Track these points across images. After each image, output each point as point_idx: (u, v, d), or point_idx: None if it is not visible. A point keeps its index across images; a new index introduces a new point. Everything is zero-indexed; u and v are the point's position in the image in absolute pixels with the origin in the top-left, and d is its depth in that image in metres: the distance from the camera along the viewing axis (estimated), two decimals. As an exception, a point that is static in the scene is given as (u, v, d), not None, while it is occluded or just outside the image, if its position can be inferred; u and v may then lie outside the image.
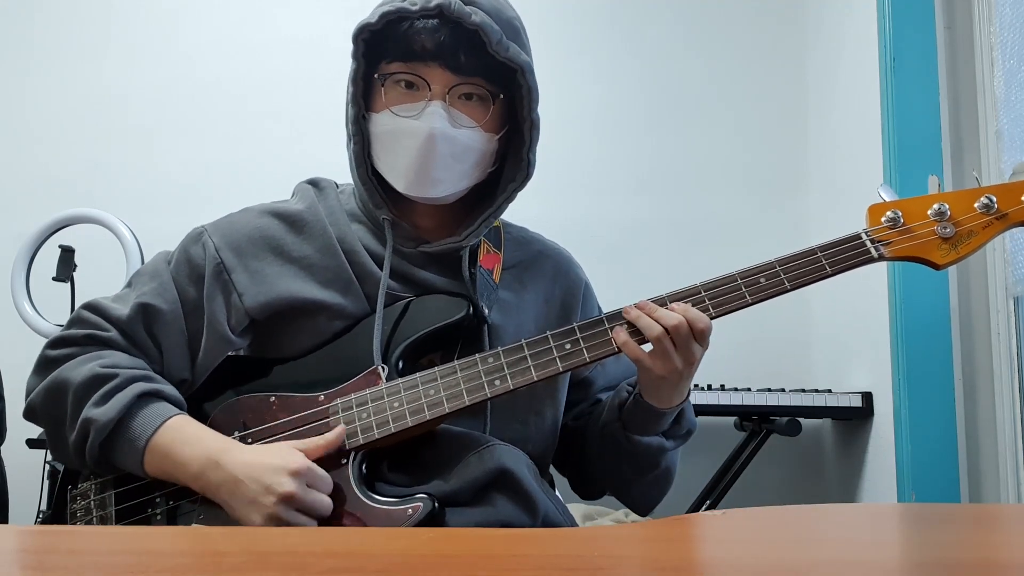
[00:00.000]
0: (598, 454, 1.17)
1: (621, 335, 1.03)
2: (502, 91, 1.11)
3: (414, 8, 1.05)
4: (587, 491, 1.25)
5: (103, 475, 1.05)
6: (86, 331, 1.08)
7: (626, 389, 1.15)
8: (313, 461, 0.98)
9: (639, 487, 1.18)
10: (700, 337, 1.02)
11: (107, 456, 1.02)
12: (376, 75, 1.10)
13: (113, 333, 1.08)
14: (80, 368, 1.03)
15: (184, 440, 1.00)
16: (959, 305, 1.93)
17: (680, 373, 1.03)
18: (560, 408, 1.18)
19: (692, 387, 2.11)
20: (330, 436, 1.00)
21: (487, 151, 1.12)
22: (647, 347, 1.04)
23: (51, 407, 1.05)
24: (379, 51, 1.10)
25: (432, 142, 1.07)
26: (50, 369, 1.06)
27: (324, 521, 0.96)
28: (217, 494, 0.97)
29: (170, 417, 1.01)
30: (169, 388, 1.06)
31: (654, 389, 1.08)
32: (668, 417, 1.11)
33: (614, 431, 1.14)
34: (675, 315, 1.01)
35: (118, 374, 1.02)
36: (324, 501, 0.96)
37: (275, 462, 0.96)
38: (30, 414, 1.08)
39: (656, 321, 1.01)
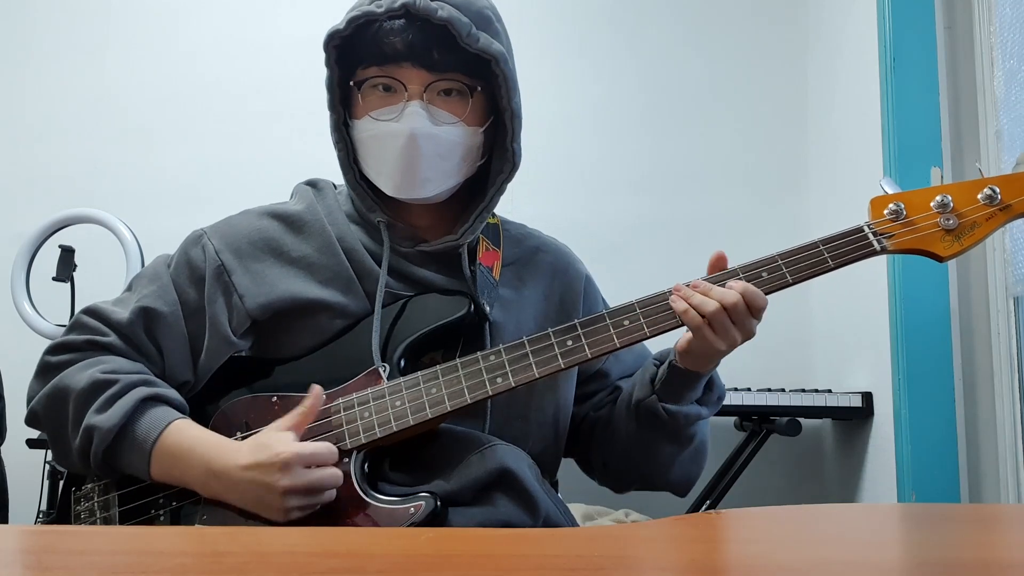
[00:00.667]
0: (627, 437, 1.15)
1: (680, 304, 1.02)
2: (480, 83, 1.10)
3: (380, 10, 1.04)
4: (619, 482, 1.23)
5: (109, 479, 1.06)
6: (86, 336, 1.08)
7: (653, 363, 1.13)
8: (304, 433, 0.99)
9: (679, 464, 1.16)
10: (757, 314, 1.02)
11: (112, 463, 1.02)
12: (352, 82, 1.10)
13: (113, 338, 1.08)
14: (80, 374, 1.03)
15: (184, 448, 1.00)
16: (959, 305, 1.93)
17: (737, 344, 1.03)
18: (563, 405, 1.18)
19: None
20: (305, 402, 1.00)
21: (472, 145, 1.12)
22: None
23: (53, 414, 1.05)
24: (353, 57, 1.10)
25: (415, 142, 1.06)
26: (51, 375, 1.06)
27: (327, 519, 0.97)
28: (227, 500, 0.98)
29: (171, 422, 1.01)
30: (170, 391, 1.06)
31: (705, 358, 1.06)
32: (703, 381, 1.10)
33: (650, 405, 1.11)
34: (733, 293, 1.00)
35: (119, 380, 1.02)
36: (329, 475, 0.96)
37: (265, 459, 0.95)
38: (32, 420, 1.08)
39: (712, 299, 1.01)
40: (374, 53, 1.07)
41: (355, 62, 1.10)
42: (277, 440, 0.97)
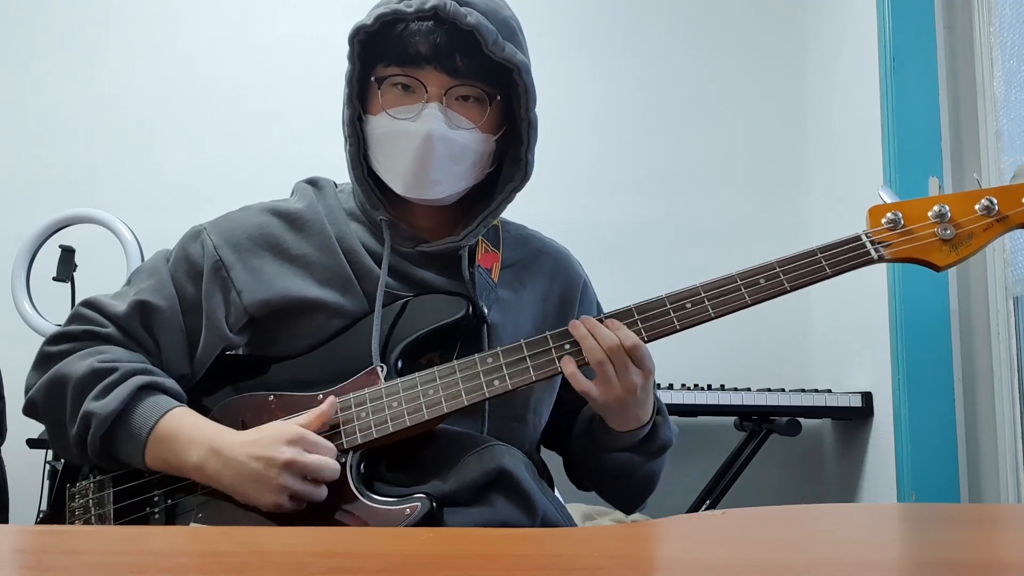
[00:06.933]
0: (579, 451, 1.20)
1: (570, 366, 1.02)
2: (499, 91, 1.10)
3: (409, 10, 1.04)
4: (578, 484, 1.27)
5: (105, 469, 1.05)
6: (84, 327, 1.08)
7: None
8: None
9: (617, 491, 1.21)
10: (634, 356, 1.02)
11: (108, 449, 1.02)
12: (373, 78, 1.10)
13: (111, 329, 1.08)
14: (79, 363, 1.04)
15: (183, 432, 1.00)
16: (959, 305, 1.93)
17: (622, 400, 1.03)
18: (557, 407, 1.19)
19: (692, 387, 2.12)
20: (323, 407, 1.01)
21: (485, 152, 1.12)
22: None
23: (51, 402, 1.05)
24: (375, 53, 1.10)
25: (430, 144, 1.06)
26: (49, 365, 1.06)
27: (322, 519, 0.96)
28: (221, 481, 0.98)
29: (170, 409, 1.02)
30: (169, 381, 1.07)
31: (604, 415, 1.09)
32: (631, 437, 1.11)
33: (584, 444, 1.16)
34: (613, 335, 1.01)
35: (118, 368, 1.03)
36: (327, 463, 0.97)
37: (270, 435, 0.97)
38: (31, 409, 1.08)
39: (598, 343, 1.01)
40: (397, 52, 1.07)
41: (376, 58, 1.10)
42: (283, 423, 1.00)
